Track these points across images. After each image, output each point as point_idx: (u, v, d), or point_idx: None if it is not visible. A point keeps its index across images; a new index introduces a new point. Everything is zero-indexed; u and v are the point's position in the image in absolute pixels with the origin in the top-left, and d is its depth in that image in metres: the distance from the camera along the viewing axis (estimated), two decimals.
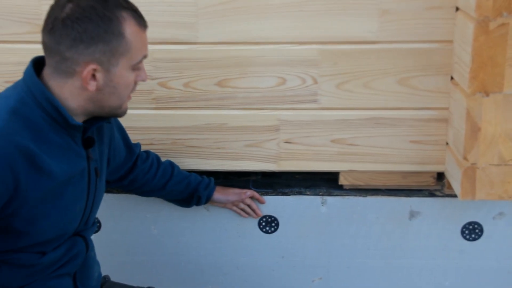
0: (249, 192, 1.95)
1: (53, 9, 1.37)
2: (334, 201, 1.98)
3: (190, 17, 1.81)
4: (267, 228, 2.02)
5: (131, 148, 1.78)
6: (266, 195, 1.99)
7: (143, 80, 1.45)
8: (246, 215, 1.97)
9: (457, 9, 1.76)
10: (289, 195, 1.99)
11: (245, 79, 1.87)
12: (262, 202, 1.97)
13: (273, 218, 2.01)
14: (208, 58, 1.85)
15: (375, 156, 1.93)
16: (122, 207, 2.02)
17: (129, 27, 1.37)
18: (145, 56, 1.44)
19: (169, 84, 1.88)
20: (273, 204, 2.00)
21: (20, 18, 1.83)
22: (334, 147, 1.93)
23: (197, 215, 2.01)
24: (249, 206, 1.96)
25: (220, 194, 1.93)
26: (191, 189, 1.88)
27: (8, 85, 1.80)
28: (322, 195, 1.98)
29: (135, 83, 1.45)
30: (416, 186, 1.97)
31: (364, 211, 1.99)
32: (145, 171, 1.82)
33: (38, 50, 1.80)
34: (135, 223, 2.03)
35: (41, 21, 1.76)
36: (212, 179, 1.92)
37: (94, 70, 1.36)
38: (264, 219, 2.01)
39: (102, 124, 1.54)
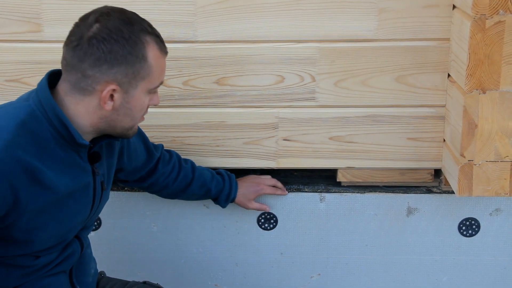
0: (269, 190, 1.94)
1: (79, 26, 1.37)
2: (332, 198, 1.98)
3: (189, 16, 1.81)
4: (266, 225, 2.02)
5: (151, 151, 1.78)
6: None
7: (155, 105, 1.47)
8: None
9: (454, 7, 1.76)
10: (288, 192, 1.99)
11: (243, 77, 1.87)
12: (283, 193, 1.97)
13: (272, 215, 2.01)
14: (207, 57, 1.85)
15: (373, 153, 1.93)
16: (122, 205, 2.01)
17: (152, 52, 1.38)
18: (162, 82, 1.45)
19: (168, 82, 1.88)
20: (272, 201, 1.99)
21: (20, 17, 1.82)
22: (332, 145, 1.92)
23: (196, 212, 2.01)
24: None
25: (240, 202, 1.92)
26: (211, 195, 1.89)
27: (9, 84, 1.85)
28: (321, 192, 1.98)
29: (148, 106, 1.46)
30: (413, 183, 1.97)
31: (362, 208, 1.98)
32: (166, 175, 1.82)
33: (37, 49, 1.83)
34: (135, 220, 2.03)
35: (40, 20, 1.80)
36: (234, 184, 1.89)
37: (114, 90, 1.37)
38: (263, 216, 2.01)
39: (112, 141, 1.54)
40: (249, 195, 1.92)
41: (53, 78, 1.42)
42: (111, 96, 1.37)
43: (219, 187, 1.88)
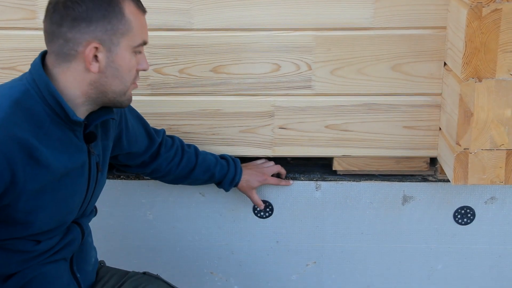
0: (273, 180, 1.94)
1: None
2: (328, 186, 1.99)
3: (185, 3, 1.80)
4: (262, 213, 2.02)
5: (152, 136, 1.78)
6: None
7: (145, 69, 1.46)
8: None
9: None
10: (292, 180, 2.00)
11: (239, 65, 1.86)
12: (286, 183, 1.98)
13: (267, 203, 2.01)
14: (203, 44, 1.85)
15: (369, 142, 1.93)
16: (118, 193, 2.01)
17: (129, 8, 1.39)
18: (145, 42, 1.45)
19: (164, 70, 1.88)
20: (267, 189, 1.99)
21: (14, 4, 1.82)
22: (328, 133, 1.93)
23: (192, 200, 2.01)
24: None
25: (243, 188, 1.92)
26: (215, 180, 1.89)
27: (4, 71, 1.84)
28: (316, 180, 1.98)
29: (137, 71, 1.45)
30: (409, 171, 1.97)
31: (358, 196, 1.99)
32: (169, 160, 1.82)
33: (32, 36, 1.82)
34: (131, 208, 2.03)
35: (35, 7, 1.80)
36: (239, 170, 1.89)
37: (96, 49, 1.37)
38: None
39: (108, 119, 1.53)
40: (253, 183, 1.92)
41: (45, 59, 1.43)
42: (95, 57, 1.38)
43: (223, 171, 1.88)
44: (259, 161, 1.98)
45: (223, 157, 1.92)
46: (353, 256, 2.05)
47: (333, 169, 1.99)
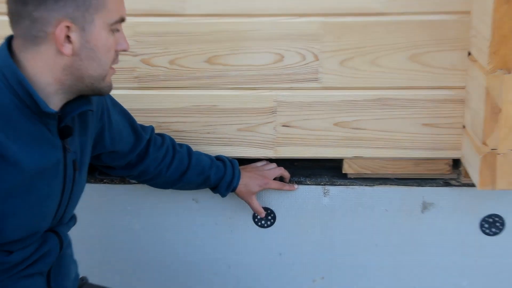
0: (275, 185, 1.95)
1: None
2: (337, 192, 1.99)
3: None
4: (263, 222, 2.02)
5: (139, 133, 1.78)
6: None
7: (125, 49, 1.45)
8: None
9: None
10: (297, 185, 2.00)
11: (237, 56, 1.87)
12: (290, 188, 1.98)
13: (269, 211, 2.01)
14: (197, 32, 1.85)
15: (383, 141, 1.93)
16: (101, 199, 2.02)
17: None
18: (122, 19, 1.43)
19: (152, 61, 1.88)
20: (269, 195, 2.00)
21: None
22: (338, 131, 1.93)
23: (184, 208, 2.01)
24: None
25: (242, 193, 1.92)
26: (210, 184, 1.89)
27: None
28: (324, 184, 1.99)
29: (116, 53, 1.44)
30: (429, 175, 1.97)
31: (371, 203, 1.99)
32: (158, 160, 1.81)
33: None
34: (115, 216, 2.03)
35: None
36: (237, 172, 1.90)
37: (68, 28, 1.35)
38: None
39: (86, 112, 1.52)
40: (252, 188, 1.92)
41: (12, 43, 1.41)
42: (68, 38, 1.36)
43: (220, 174, 1.88)
44: (259, 163, 1.98)
45: (219, 158, 1.91)
46: (366, 270, 2.05)
47: (343, 172, 1.99)
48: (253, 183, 1.91)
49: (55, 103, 1.42)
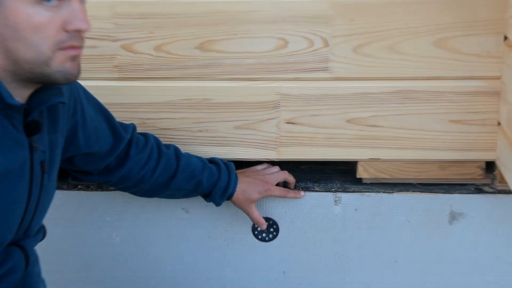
0: (278, 191, 1.94)
1: None
2: (350, 199, 1.99)
3: None
4: (264, 235, 2.02)
5: (118, 132, 1.76)
6: None
7: (79, 29, 1.35)
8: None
9: None
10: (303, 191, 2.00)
11: (234, 41, 1.87)
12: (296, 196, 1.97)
13: (271, 222, 2.01)
14: (187, 14, 1.86)
15: (404, 141, 1.93)
16: (74, 208, 2.02)
17: None
18: None
19: (135, 48, 1.88)
20: (271, 203, 2.00)
21: None
22: (351, 129, 1.92)
23: (172, 218, 2.03)
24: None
25: (239, 201, 1.91)
26: (202, 191, 1.88)
27: None
28: (335, 191, 1.99)
29: (65, 32, 1.35)
30: (458, 180, 1.98)
31: (390, 212, 1.99)
32: (142, 163, 1.80)
33: None
34: (92, 228, 2.04)
35: None
36: (234, 177, 1.89)
37: None
38: None
39: (56, 106, 1.49)
40: (251, 195, 1.91)
41: None
42: None
43: (213, 178, 1.86)
44: (259, 166, 1.98)
45: (212, 161, 1.90)
46: None
47: (358, 176, 2.00)
48: (252, 190, 1.90)
49: (20, 94, 1.38)
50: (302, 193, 1.96)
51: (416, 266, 2.02)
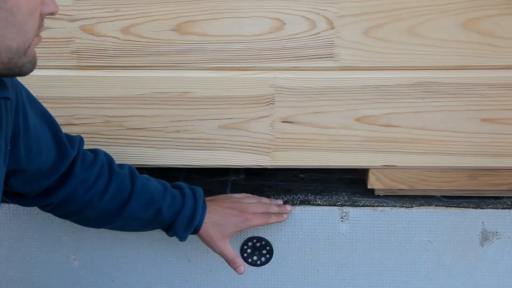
0: (258, 220, 1.90)
1: None
2: (360, 215, 1.97)
3: None
4: (255, 258, 2.01)
5: (63, 146, 1.71)
6: None
7: (52, 12, 1.39)
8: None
9: None
10: (289, 205, 1.96)
11: (219, 22, 1.83)
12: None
13: (264, 243, 1.99)
14: None
15: (425, 144, 1.90)
16: (23, 226, 2.00)
17: None
18: None
19: (97, 29, 1.84)
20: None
21: None
22: (361, 130, 1.90)
23: (143, 238, 2.01)
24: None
25: (209, 236, 1.86)
26: (163, 221, 1.83)
27: None
28: (342, 205, 1.98)
29: (41, 16, 1.38)
30: (491, 192, 1.96)
31: (409, 231, 1.98)
32: (88, 184, 1.75)
33: None
34: (44, 250, 2.01)
35: None
36: (201, 204, 1.86)
37: None
38: (250, 244, 2.00)
39: None
40: (225, 228, 1.87)
41: None
42: None
43: (176, 206, 1.82)
44: (236, 195, 1.95)
45: (176, 185, 1.87)
46: None
47: (369, 187, 1.98)
48: (226, 221, 1.87)
49: None
50: (289, 207, 1.93)
51: None
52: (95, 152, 1.81)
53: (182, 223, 1.81)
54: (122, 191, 1.79)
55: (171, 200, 1.81)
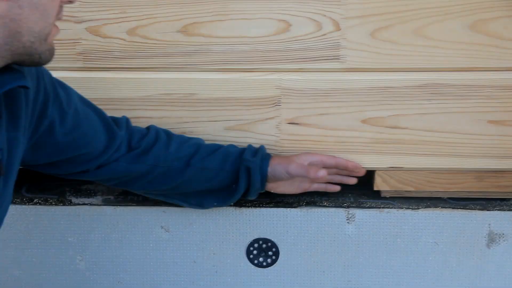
0: (322, 172, 1.87)
1: None
2: (366, 217, 1.97)
3: None
4: (261, 259, 2.00)
5: (110, 126, 1.76)
6: (259, 206, 1.97)
7: (71, 1, 1.41)
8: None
9: None
10: (295, 207, 1.98)
11: (225, 23, 1.84)
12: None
13: (270, 244, 1.99)
14: None
15: (432, 146, 1.91)
16: (29, 226, 2.00)
17: None
18: None
19: (104, 31, 1.85)
20: (270, 221, 1.98)
21: None
22: (367, 132, 1.90)
23: (148, 239, 2.01)
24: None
25: (278, 162, 1.86)
26: (231, 162, 1.83)
27: None
28: (348, 207, 1.97)
29: (61, 3, 1.40)
30: (498, 194, 1.96)
31: (415, 233, 1.97)
32: (149, 145, 1.83)
33: None
34: (51, 251, 2.01)
35: None
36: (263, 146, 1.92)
37: None
38: (256, 245, 2.00)
39: (17, 94, 1.48)
40: (289, 161, 1.87)
41: None
42: None
43: (239, 147, 1.88)
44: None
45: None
46: None
47: (375, 189, 1.98)
48: (289, 159, 1.87)
49: None
50: (337, 187, 1.91)
51: None
52: (147, 127, 1.87)
53: (250, 151, 1.85)
54: (184, 147, 1.84)
55: (233, 146, 1.88)
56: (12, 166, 1.52)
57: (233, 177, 1.83)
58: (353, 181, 1.92)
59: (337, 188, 1.92)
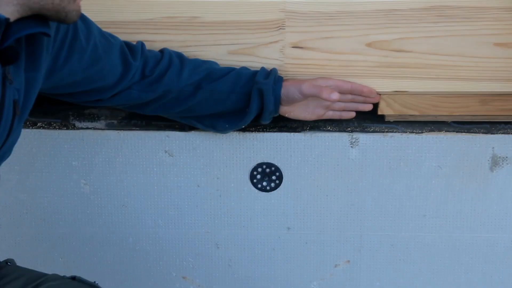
0: (335, 94, 1.83)
1: None
2: (370, 141, 1.97)
3: None
4: (264, 183, 2.00)
5: (126, 59, 1.77)
6: (263, 131, 1.96)
7: None
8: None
9: None
10: (299, 131, 1.97)
11: None
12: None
13: (273, 168, 1.98)
14: None
15: (437, 69, 1.88)
16: (33, 150, 1.98)
17: None
18: None
19: None
20: (273, 145, 1.97)
21: None
22: (372, 55, 1.88)
23: (152, 163, 2.00)
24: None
25: (291, 83, 1.85)
26: (242, 84, 1.84)
27: None
28: (352, 131, 1.97)
29: None
30: (502, 117, 1.95)
31: (419, 157, 1.97)
32: (162, 72, 1.82)
33: None
34: (55, 175, 2.00)
35: None
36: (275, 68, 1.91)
37: None
38: (260, 169, 1.99)
39: (39, 38, 1.47)
40: (301, 81, 1.87)
41: None
42: None
43: (251, 70, 1.88)
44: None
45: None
46: (409, 251, 2.05)
47: (379, 113, 1.96)
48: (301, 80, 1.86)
49: (9, 11, 1.35)
50: (370, 106, 1.88)
51: (449, 221, 2.02)
52: (161, 50, 1.87)
53: (262, 73, 1.85)
54: (196, 70, 1.84)
55: (246, 69, 1.87)
56: (27, 106, 1.54)
57: (245, 99, 1.83)
58: (369, 107, 1.90)
59: (353, 115, 1.90)
